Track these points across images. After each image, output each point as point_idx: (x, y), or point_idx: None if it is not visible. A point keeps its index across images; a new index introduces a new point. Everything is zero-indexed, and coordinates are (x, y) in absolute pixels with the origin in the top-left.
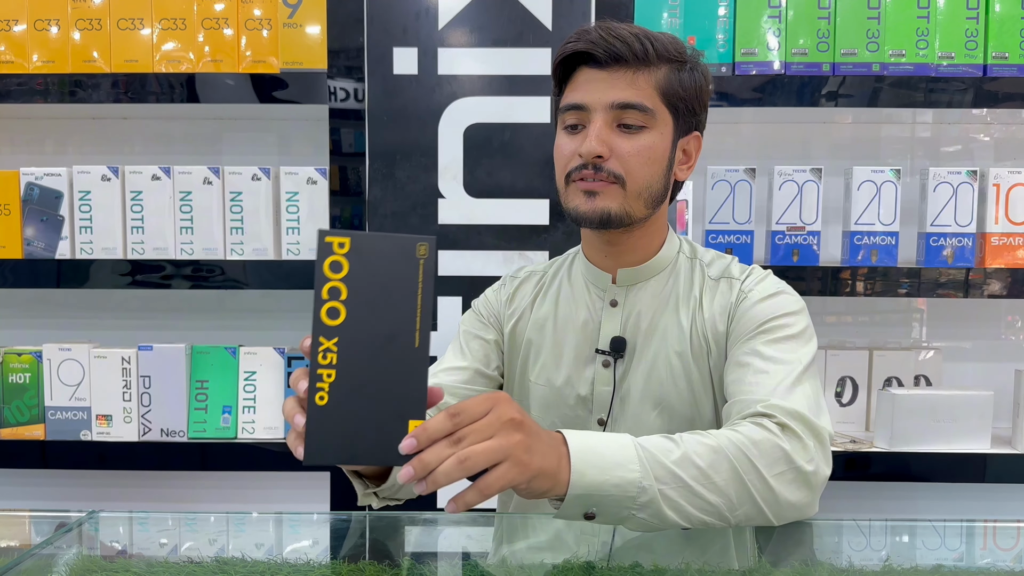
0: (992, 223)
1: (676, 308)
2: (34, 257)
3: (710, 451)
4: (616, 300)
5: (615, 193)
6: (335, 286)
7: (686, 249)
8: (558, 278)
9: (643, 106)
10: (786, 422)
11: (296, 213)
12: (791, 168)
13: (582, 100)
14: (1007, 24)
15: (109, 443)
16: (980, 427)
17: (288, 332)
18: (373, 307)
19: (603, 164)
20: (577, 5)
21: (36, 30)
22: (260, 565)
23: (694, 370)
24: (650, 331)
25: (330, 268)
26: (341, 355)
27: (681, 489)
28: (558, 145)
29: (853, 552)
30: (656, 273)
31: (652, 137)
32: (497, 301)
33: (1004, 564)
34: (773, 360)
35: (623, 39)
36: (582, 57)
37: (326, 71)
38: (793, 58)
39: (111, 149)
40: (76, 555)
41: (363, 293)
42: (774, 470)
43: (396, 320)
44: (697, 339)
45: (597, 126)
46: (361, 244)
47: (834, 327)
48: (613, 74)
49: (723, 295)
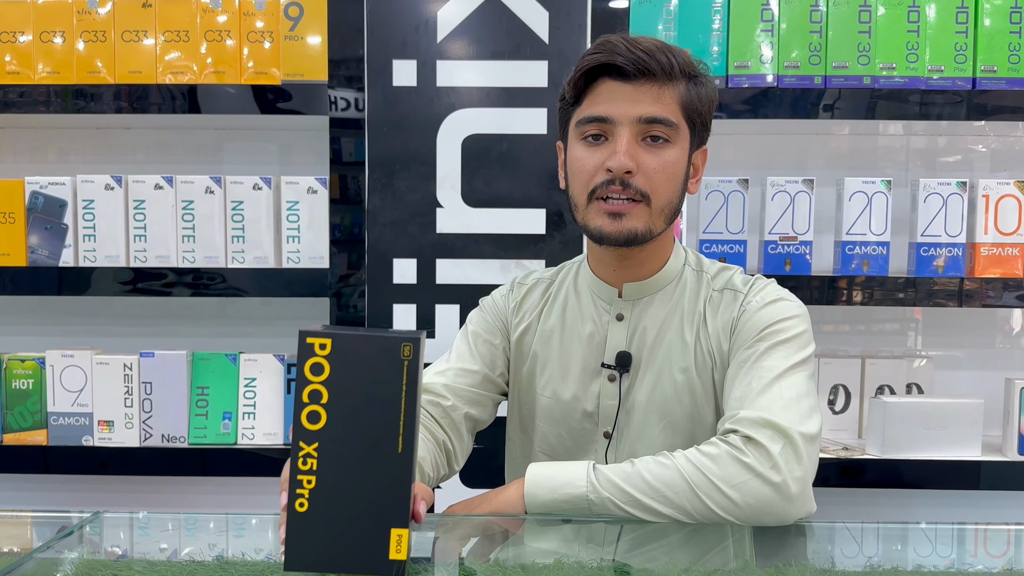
0: (982, 233)
1: (681, 323)
2: (38, 265)
3: (663, 468)
4: (622, 314)
5: (641, 212)
6: (316, 389)
7: (692, 261)
8: (564, 289)
9: (669, 121)
10: (749, 434)
11: (296, 222)
12: (783, 179)
13: (607, 113)
14: (996, 38)
15: (110, 449)
16: (971, 435)
17: (288, 339)
18: (354, 411)
19: (630, 180)
20: (574, 18)
21: (42, 41)
22: (260, 565)
23: (698, 385)
24: (655, 346)
25: (311, 370)
26: (321, 461)
27: (629, 500)
28: (578, 158)
29: (841, 555)
30: (662, 287)
31: (675, 152)
32: (505, 307)
33: (980, 567)
34: (754, 368)
35: (649, 52)
36: (605, 69)
37: (327, 82)
38: (786, 71)
39: (114, 158)
40: (79, 555)
41: (344, 397)
42: (732, 481)
43: (378, 425)
44: (701, 355)
45: (625, 140)
46: (343, 345)
47: (827, 336)
48: (639, 88)
49: (726, 309)
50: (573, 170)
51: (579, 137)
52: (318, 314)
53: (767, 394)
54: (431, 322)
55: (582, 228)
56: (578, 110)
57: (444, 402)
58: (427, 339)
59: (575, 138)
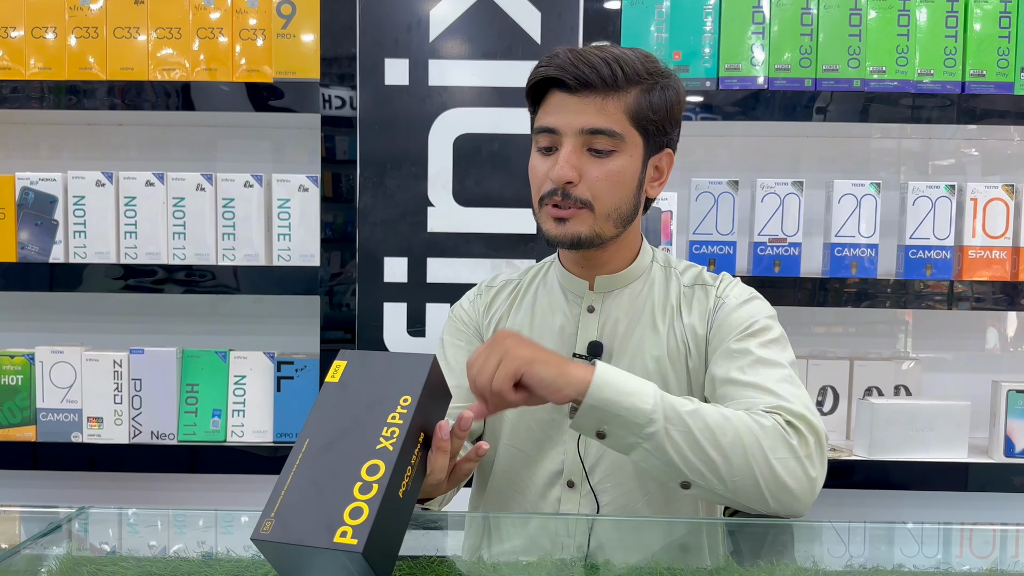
0: (970, 236)
1: (653, 316)
2: (28, 261)
3: (722, 417)
4: (593, 306)
5: (584, 217)
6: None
7: (660, 258)
8: (534, 286)
9: (612, 131)
10: (792, 420)
11: (288, 220)
12: (773, 181)
13: (553, 124)
14: (985, 42)
15: (100, 445)
16: (957, 436)
17: (278, 337)
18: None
19: (571, 191)
20: (566, 19)
21: (33, 37)
22: (244, 561)
23: (670, 373)
24: (627, 336)
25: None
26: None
27: (685, 434)
28: (532, 165)
29: (828, 555)
30: (632, 281)
31: (621, 161)
32: (475, 311)
33: (967, 567)
34: (765, 362)
35: (592, 65)
36: (554, 80)
37: (319, 80)
38: (776, 73)
39: (106, 155)
40: (66, 550)
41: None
42: (777, 453)
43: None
44: (675, 343)
45: (567, 151)
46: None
47: (815, 337)
48: (583, 99)
49: (700, 302)
50: (530, 176)
51: (535, 146)
52: (308, 312)
53: (788, 389)
54: (421, 321)
55: (539, 231)
56: (535, 119)
57: None
58: (418, 337)
59: (533, 146)
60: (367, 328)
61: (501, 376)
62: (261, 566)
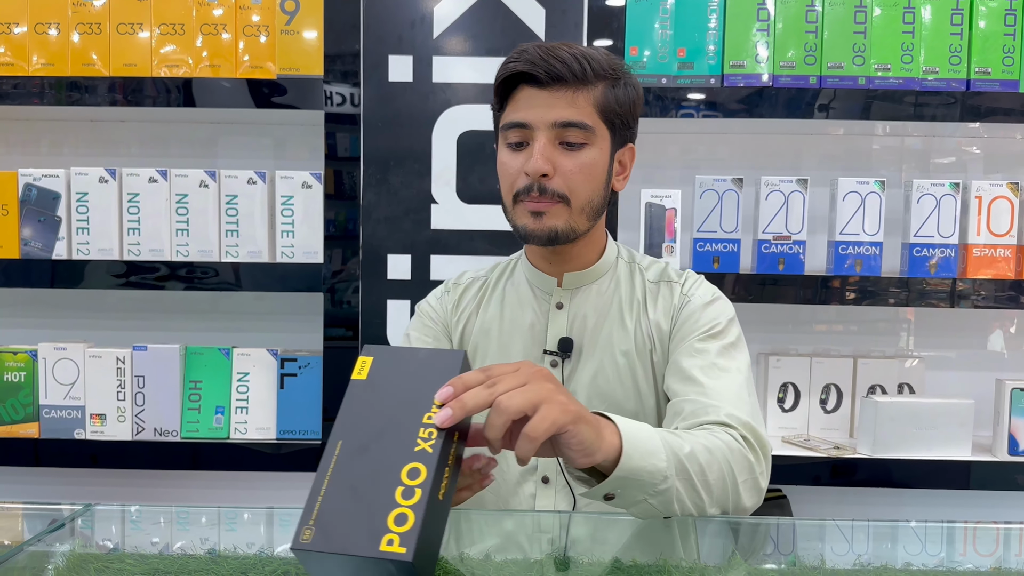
0: (974, 235)
1: (620, 311)
2: (31, 257)
3: (707, 452)
4: (562, 303)
5: (560, 211)
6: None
7: (624, 254)
8: (501, 283)
9: (583, 124)
10: (745, 435)
11: (291, 217)
12: (778, 178)
13: (525, 119)
14: (990, 40)
15: (102, 442)
16: (961, 435)
17: (281, 334)
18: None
19: (547, 184)
20: (570, 16)
21: (36, 33)
22: (251, 559)
23: (639, 368)
24: (596, 332)
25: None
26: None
27: (686, 482)
28: (503, 162)
29: (832, 552)
30: (599, 277)
31: (592, 153)
32: (443, 308)
33: (969, 566)
34: (720, 367)
35: (562, 59)
36: (523, 76)
37: (323, 77)
38: (781, 71)
39: (108, 151)
40: (71, 548)
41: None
42: (742, 476)
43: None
44: (642, 338)
45: (541, 144)
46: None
47: (819, 335)
48: (554, 93)
49: (665, 298)
50: (500, 173)
51: (504, 142)
52: (312, 309)
53: (743, 400)
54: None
55: (512, 227)
56: (502, 115)
57: None
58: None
59: (501, 142)
60: (370, 325)
61: (542, 428)
62: (268, 563)
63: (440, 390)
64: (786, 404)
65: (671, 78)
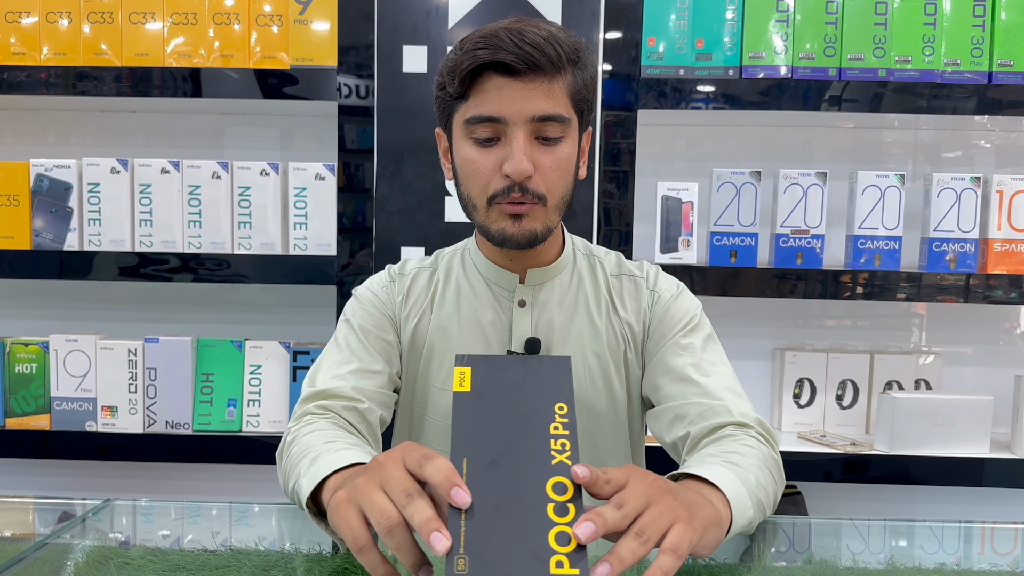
0: (995, 229)
1: (588, 309)
2: (42, 248)
3: (759, 469)
4: (524, 300)
5: (539, 213)
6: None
7: (580, 246)
8: (453, 277)
9: (562, 116)
10: (762, 432)
11: (304, 209)
12: (796, 171)
13: (499, 113)
14: (1013, 32)
15: (114, 434)
16: (979, 431)
17: (294, 327)
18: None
19: (528, 184)
20: (586, 6)
21: (48, 22)
22: (274, 555)
23: (611, 368)
24: (564, 331)
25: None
26: None
27: (759, 512)
28: (471, 160)
29: (848, 551)
30: (560, 272)
31: (568, 146)
32: (390, 300)
33: (986, 565)
34: (710, 362)
35: (537, 46)
36: (491, 64)
37: (336, 68)
38: (800, 62)
39: (119, 142)
40: (92, 543)
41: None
42: (776, 476)
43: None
44: (614, 338)
45: (521, 142)
46: None
47: (836, 330)
48: (529, 84)
49: (631, 296)
50: (466, 171)
51: (467, 136)
52: (324, 301)
53: (738, 393)
54: None
55: (480, 230)
56: (464, 106)
57: (360, 405)
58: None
59: (463, 135)
60: None
61: (684, 543)
62: (290, 560)
63: (580, 527)
64: (802, 400)
65: (688, 69)
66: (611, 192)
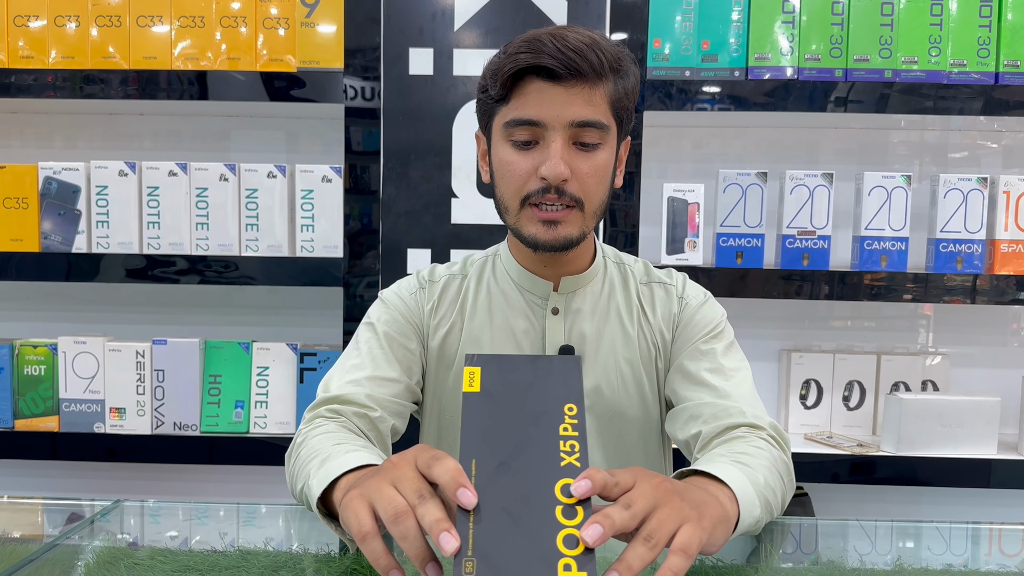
0: (1002, 230)
1: (620, 317)
2: (51, 251)
3: (776, 474)
4: (557, 308)
5: (575, 218)
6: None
7: (610, 254)
8: (484, 285)
9: (600, 123)
10: (775, 435)
11: (311, 211)
12: (802, 172)
13: (538, 116)
14: (1019, 32)
15: (122, 436)
16: (987, 433)
17: (301, 329)
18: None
19: (565, 188)
20: (592, 7)
21: (56, 26)
22: (283, 556)
23: (644, 376)
24: (596, 339)
25: None
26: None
27: (767, 512)
28: (508, 162)
29: (855, 551)
30: (592, 279)
31: (606, 153)
32: (418, 308)
33: (994, 567)
34: (729, 368)
35: (580, 52)
36: (533, 68)
37: (342, 70)
38: (806, 63)
39: (126, 145)
40: (101, 544)
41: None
42: (786, 479)
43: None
44: (646, 346)
45: (558, 146)
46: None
47: (843, 331)
48: (570, 89)
49: (662, 302)
50: (502, 173)
51: (506, 138)
52: (331, 303)
53: (754, 397)
54: None
55: (513, 232)
56: (505, 109)
57: (372, 413)
58: None
59: (502, 138)
60: None
61: (693, 543)
62: (299, 560)
63: (588, 530)
64: (808, 401)
65: (694, 71)
66: (617, 193)
